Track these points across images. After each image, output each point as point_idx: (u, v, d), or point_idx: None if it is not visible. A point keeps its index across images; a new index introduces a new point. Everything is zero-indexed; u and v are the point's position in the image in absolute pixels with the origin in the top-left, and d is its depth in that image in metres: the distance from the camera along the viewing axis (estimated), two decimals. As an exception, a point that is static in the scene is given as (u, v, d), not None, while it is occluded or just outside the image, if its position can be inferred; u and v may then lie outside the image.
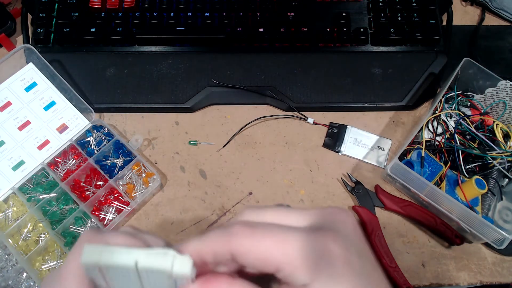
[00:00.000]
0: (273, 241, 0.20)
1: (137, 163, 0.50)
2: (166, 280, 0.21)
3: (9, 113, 0.50)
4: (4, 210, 0.47)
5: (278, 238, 0.21)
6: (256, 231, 0.21)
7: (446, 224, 0.48)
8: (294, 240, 0.20)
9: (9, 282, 0.44)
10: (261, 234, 0.21)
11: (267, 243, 0.20)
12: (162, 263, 0.20)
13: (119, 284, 0.23)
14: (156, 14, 0.57)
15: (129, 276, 0.22)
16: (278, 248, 0.20)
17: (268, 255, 0.20)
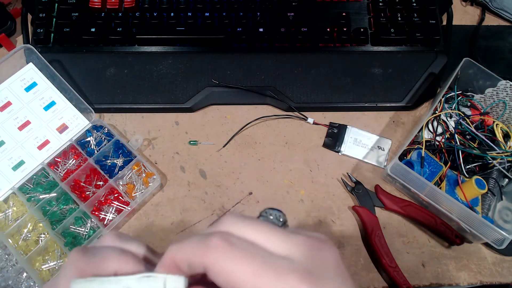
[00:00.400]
0: (251, 269, 0.18)
1: (137, 163, 0.50)
2: None
3: (9, 113, 0.50)
4: (4, 210, 0.47)
5: (257, 267, 0.18)
6: (234, 251, 0.19)
7: (446, 224, 0.48)
8: (269, 276, 0.18)
9: (9, 282, 0.44)
10: (240, 256, 0.19)
11: (243, 269, 0.18)
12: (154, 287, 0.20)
13: None
14: (156, 14, 0.57)
15: None
16: (254, 281, 0.18)
17: (241, 284, 0.18)
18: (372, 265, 0.48)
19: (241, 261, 0.19)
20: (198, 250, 0.20)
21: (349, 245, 0.48)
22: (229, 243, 0.19)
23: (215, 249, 0.19)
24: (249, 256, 0.19)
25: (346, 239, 0.49)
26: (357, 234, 0.49)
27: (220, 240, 0.19)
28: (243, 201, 0.50)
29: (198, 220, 0.50)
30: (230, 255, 0.19)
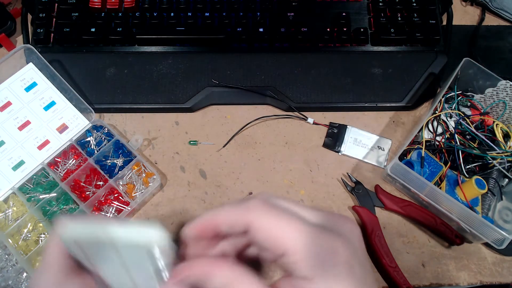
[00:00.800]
0: (288, 224, 0.21)
1: (137, 163, 0.50)
2: (145, 256, 0.21)
3: (9, 113, 0.50)
4: (4, 210, 0.47)
5: (293, 223, 0.21)
6: (274, 210, 0.21)
7: (446, 224, 0.48)
8: (307, 231, 0.21)
9: (9, 282, 0.44)
10: (278, 214, 0.21)
11: (282, 224, 0.21)
12: (137, 233, 0.20)
13: (102, 264, 0.23)
14: (156, 14, 0.57)
15: (109, 255, 0.22)
16: (291, 233, 0.21)
17: (279, 236, 0.21)
18: (372, 265, 0.48)
19: (281, 217, 0.21)
20: (240, 211, 0.22)
21: (349, 245, 0.48)
22: (269, 204, 0.22)
23: (255, 209, 0.22)
24: (287, 215, 0.21)
25: (346, 239, 0.49)
26: (357, 234, 0.49)
27: (260, 201, 0.22)
28: (243, 201, 0.50)
29: (198, 220, 0.49)
30: (271, 213, 0.21)
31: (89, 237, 0.21)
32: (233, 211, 0.22)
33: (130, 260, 0.22)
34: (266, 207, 0.22)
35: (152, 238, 0.20)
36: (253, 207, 0.22)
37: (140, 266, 0.22)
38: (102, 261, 0.23)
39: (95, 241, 0.21)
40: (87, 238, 0.21)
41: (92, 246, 0.22)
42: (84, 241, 0.22)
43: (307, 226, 0.21)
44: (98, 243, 0.21)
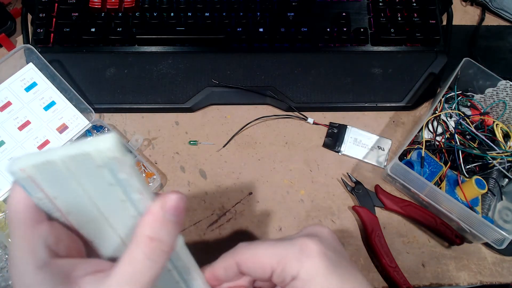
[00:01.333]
0: (266, 248, 0.26)
1: (137, 163, 0.50)
2: (98, 173, 0.19)
3: (9, 113, 0.50)
4: (4, 210, 0.47)
5: (269, 246, 0.26)
6: (253, 244, 0.27)
7: (446, 224, 0.48)
8: (282, 245, 0.26)
9: (9, 282, 0.44)
10: (257, 245, 0.27)
11: (261, 251, 0.26)
12: (82, 146, 0.18)
13: (60, 195, 0.21)
14: (156, 14, 0.57)
15: (64, 180, 0.20)
16: (270, 253, 0.26)
17: (263, 259, 0.26)
18: (372, 265, 0.48)
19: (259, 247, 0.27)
20: (229, 256, 0.27)
21: (349, 245, 0.48)
22: (249, 243, 0.27)
23: (240, 248, 0.27)
24: (264, 243, 0.27)
25: (346, 239, 0.49)
26: (357, 234, 0.49)
27: (243, 243, 0.28)
28: (243, 201, 0.50)
29: (198, 220, 0.50)
30: (251, 247, 0.27)
31: (42, 166, 0.19)
32: (223, 259, 0.27)
33: (89, 184, 0.20)
34: (247, 245, 0.27)
35: (101, 146, 0.18)
36: (238, 248, 0.27)
37: (104, 191, 0.20)
38: (62, 194, 0.21)
39: (49, 169, 0.19)
40: (40, 168, 0.19)
41: (48, 177, 0.20)
42: (38, 173, 0.19)
43: (281, 242, 0.26)
44: (53, 172, 0.19)
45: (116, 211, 0.21)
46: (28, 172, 0.19)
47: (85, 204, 0.21)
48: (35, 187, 0.20)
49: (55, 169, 0.19)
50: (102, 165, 0.19)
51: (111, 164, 0.19)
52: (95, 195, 0.21)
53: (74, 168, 0.19)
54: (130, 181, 0.20)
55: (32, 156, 0.19)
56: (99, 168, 0.19)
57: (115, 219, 0.22)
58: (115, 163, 0.19)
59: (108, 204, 0.21)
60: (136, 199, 0.21)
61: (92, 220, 0.22)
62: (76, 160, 0.19)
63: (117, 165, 0.19)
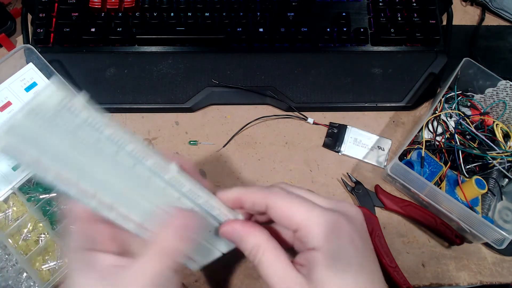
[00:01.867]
0: (301, 207, 0.27)
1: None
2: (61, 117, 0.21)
3: (9, 113, 0.50)
4: (4, 210, 0.47)
5: (304, 206, 0.27)
6: (288, 196, 0.28)
7: (446, 224, 0.48)
8: (316, 212, 0.26)
9: (9, 282, 0.44)
10: (293, 199, 0.27)
11: (295, 207, 0.27)
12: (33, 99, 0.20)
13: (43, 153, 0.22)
14: (156, 14, 0.57)
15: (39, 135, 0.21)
16: (302, 213, 0.26)
17: (293, 215, 0.27)
18: (372, 265, 0.48)
19: (295, 202, 0.27)
20: (263, 193, 0.28)
21: (349, 245, 0.48)
22: (285, 191, 0.28)
23: (276, 194, 0.28)
24: (300, 200, 0.27)
25: (346, 239, 0.49)
26: (357, 234, 0.49)
27: (280, 189, 0.28)
28: (243, 201, 0.50)
29: (198, 220, 0.49)
30: (287, 198, 0.27)
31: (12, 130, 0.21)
32: (257, 193, 0.28)
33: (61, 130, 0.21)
34: (282, 193, 0.28)
35: (47, 91, 0.20)
36: (273, 192, 0.28)
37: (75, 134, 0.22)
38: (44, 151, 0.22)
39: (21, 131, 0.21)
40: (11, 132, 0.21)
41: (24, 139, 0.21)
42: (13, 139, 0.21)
43: (316, 207, 0.27)
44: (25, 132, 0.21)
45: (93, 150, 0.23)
46: (4, 141, 0.21)
47: (68, 152, 0.22)
48: (18, 152, 0.21)
49: (26, 129, 0.21)
50: (60, 109, 0.20)
51: (66, 105, 0.20)
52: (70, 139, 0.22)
53: (40, 121, 0.21)
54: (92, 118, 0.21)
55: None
56: (58, 113, 0.20)
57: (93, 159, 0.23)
58: (68, 102, 0.20)
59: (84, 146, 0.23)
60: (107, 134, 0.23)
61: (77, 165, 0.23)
62: (35, 113, 0.20)
63: (73, 105, 0.21)
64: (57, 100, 0.20)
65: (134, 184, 0.25)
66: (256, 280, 0.46)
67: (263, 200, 0.28)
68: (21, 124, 0.20)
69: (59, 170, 0.23)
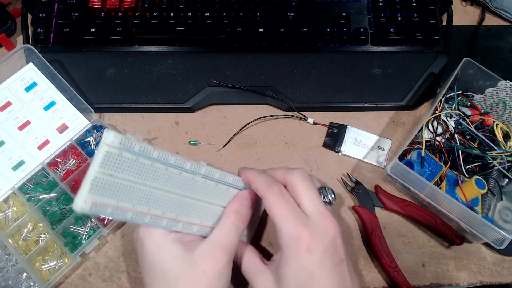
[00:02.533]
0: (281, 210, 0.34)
1: (137, 163, 0.50)
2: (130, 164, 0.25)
3: (9, 113, 0.50)
4: (4, 210, 0.47)
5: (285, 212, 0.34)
6: (279, 198, 0.34)
7: (446, 224, 0.48)
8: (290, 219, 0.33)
9: (9, 282, 0.44)
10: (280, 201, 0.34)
11: (278, 208, 0.34)
12: (98, 151, 0.24)
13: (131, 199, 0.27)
14: (156, 14, 0.57)
15: (115, 184, 0.25)
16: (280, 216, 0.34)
17: (274, 214, 0.34)
18: (372, 265, 0.48)
19: (280, 205, 0.34)
20: (263, 186, 0.35)
21: (349, 245, 0.48)
22: (280, 191, 0.35)
23: (270, 191, 0.35)
24: (286, 205, 0.34)
25: (346, 239, 0.49)
26: (357, 234, 0.49)
27: (277, 188, 0.35)
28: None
29: (198, 220, 0.49)
30: (276, 200, 0.34)
31: (93, 188, 0.24)
32: (259, 183, 0.36)
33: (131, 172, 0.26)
34: (276, 192, 0.35)
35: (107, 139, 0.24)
36: (270, 189, 0.35)
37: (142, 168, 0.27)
38: (134, 198, 0.27)
39: (100, 185, 0.24)
40: (93, 190, 0.24)
41: (106, 191, 0.25)
42: (96, 195, 0.24)
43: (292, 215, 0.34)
44: (103, 185, 0.25)
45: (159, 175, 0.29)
46: (90, 200, 0.24)
47: (141, 189, 0.28)
48: (103, 207, 0.25)
49: (102, 182, 0.24)
50: (122, 150, 0.24)
51: (125, 145, 0.24)
52: (141, 177, 0.27)
53: (111, 169, 0.24)
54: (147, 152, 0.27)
55: (82, 189, 0.24)
56: (122, 155, 0.24)
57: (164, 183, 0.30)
58: (127, 143, 0.24)
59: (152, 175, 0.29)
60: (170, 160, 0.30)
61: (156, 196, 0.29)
62: (105, 163, 0.23)
63: (130, 144, 0.25)
64: (117, 143, 0.24)
65: (194, 191, 0.33)
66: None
67: (260, 191, 0.36)
68: (99, 178, 0.24)
69: (134, 207, 0.27)
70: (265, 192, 0.35)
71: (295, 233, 0.32)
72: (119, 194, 0.26)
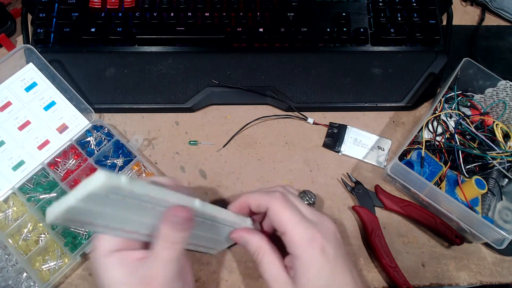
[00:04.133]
0: (292, 217, 0.34)
1: (137, 163, 0.50)
2: (108, 200, 0.26)
3: (9, 113, 0.50)
4: (4, 210, 0.47)
5: (294, 216, 0.34)
6: (285, 203, 0.35)
7: (446, 224, 0.48)
8: (301, 225, 0.33)
9: (9, 282, 0.44)
10: (287, 207, 0.34)
11: (288, 216, 0.34)
12: (84, 189, 0.24)
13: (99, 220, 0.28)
14: (156, 14, 0.57)
15: (94, 211, 0.26)
16: (291, 223, 0.34)
17: (284, 222, 0.34)
18: (372, 265, 0.48)
19: (287, 211, 0.34)
20: (265, 197, 0.35)
21: (349, 245, 0.48)
22: (284, 198, 0.35)
23: (275, 198, 0.35)
24: (292, 211, 0.34)
25: (346, 239, 0.49)
26: (357, 234, 0.49)
27: (280, 194, 0.35)
28: (243, 201, 0.50)
29: (198, 220, 0.49)
30: (283, 204, 0.34)
31: (68, 211, 0.25)
32: (260, 197, 0.36)
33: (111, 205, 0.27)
34: (281, 199, 0.35)
35: (96, 185, 0.24)
36: (274, 197, 0.35)
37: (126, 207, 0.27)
38: (102, 219, 0.28)
39: (75, 210, 0.25)
40: (68, 213, 0.25)
41: (79, 214, 0.26)
42: (68, 215, 0.25)
43: (302, 220, 0.34)
44: (78, 210, 0.25)
45: (137, 212, 0.29)
46: (62, 219, 0.25)
47: (117, 217, 0.29)
48: (78, 223, 0.27)
49: (80, 209, 0.25)
50: (106, 194, 0.25)
51: (112, 191, 0.25)
52: (120, 210, 0.28)
53: (92, 204, 0.25)
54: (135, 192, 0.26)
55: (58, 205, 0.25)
56: (107, 196, 0.25)
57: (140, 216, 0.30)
58: (113, 188, 0.25)
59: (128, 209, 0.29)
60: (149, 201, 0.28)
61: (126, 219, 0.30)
62: (88, 199, 0.24)
63: (116, 189, 0.25)
64: (107, 189, 0.24)
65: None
66: (256, 280, 0.46)
67: (265, 203, 0.35)
68: (77, 207, 0.25)
69: (108, 224, 0.29)
70: (269, 203, 0.35)
71: (308, 236, 0.33)
72: (90, 217, 0.27)
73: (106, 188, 0.24)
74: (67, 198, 0.25)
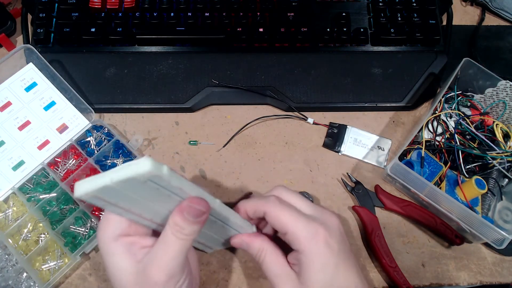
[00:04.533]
0: (290, 216, 0.34)
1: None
2: (143, 186, 0.25)
3: (9, 113, 0.50)
4: (4, 210, 0.47)
5: (292, 215, 0.34)
6: (282, 205, 0.35)
7: (446, 224, 0.48)
8: (301, 221, 0.34)
9: (9, 282, 0.44)
10: (283, 209, 0.35)
11: (286, 215, 0.34)
12: (127, 171, 0.24)
13: (122, 203, 0.28)
14: (156, 14, 0.57)
15: (123, 194, 0.26)
16: (291, 221, 0.34)
17: (284, 222, 0.34)
18: (372, 265, 0.48)
19: (286, 211, 0.34)
20: (261, 203, 0.36)
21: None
22: (280, 201, 0.35)
23: (271, 202, 0.35)
24: (290, 210, 0.35)
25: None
26: (357, 234, 0.49)
27: (275, 199, 0.35)
28: (243, 201, 0.50)
29: (198, 220, 0.49)
30: (280, 207, 0.35)
31: (93, 187, 0.24)
32: (256, 203, 0.36)
33: (142, 195, 0.27)
34: (277, 202, 0.35)
35: (140, 170, 0.24)
36: (270, 201, 0.35)
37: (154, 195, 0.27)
38: (126, 202, 0.28)
39: (98, 188, 0.24)
40: (91, 188, 0.24)
41: (104, 193, 0.25)
42: (91, 191, 0.25)
43: (300, 216, 0.34)
44: (111, 191, 0.25)
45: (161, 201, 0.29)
46: (91, 195, 0.25)
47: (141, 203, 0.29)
48: (105, 203, 0.27)
49: (112, 189, 0.25)
50: (146, 180, 0.25)
51: (152, 178, 0.25)
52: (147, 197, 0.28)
53: (126, 187, 0.25)
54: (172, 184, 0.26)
55: (91, 181, 0.25)
56: (144, 183, 0.25)
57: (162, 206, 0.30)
58: (154, 176, 0.25)
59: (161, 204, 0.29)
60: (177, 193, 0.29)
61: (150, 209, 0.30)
62: (126, 182, 0.24)
63: (156, 178, 0.25)
64: (147, 177, 0.24)
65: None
66: (256, 280, 0.46)
67: (262, 208, 0.35)
68: (112, 187, 0.25)
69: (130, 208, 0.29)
70: (265, 207, 0.35)
71: (311, 231, 0.33)
72: (118, 198, 0.27)
73: (149, 175, 0.24)
74: (102, 176, 0.24)
